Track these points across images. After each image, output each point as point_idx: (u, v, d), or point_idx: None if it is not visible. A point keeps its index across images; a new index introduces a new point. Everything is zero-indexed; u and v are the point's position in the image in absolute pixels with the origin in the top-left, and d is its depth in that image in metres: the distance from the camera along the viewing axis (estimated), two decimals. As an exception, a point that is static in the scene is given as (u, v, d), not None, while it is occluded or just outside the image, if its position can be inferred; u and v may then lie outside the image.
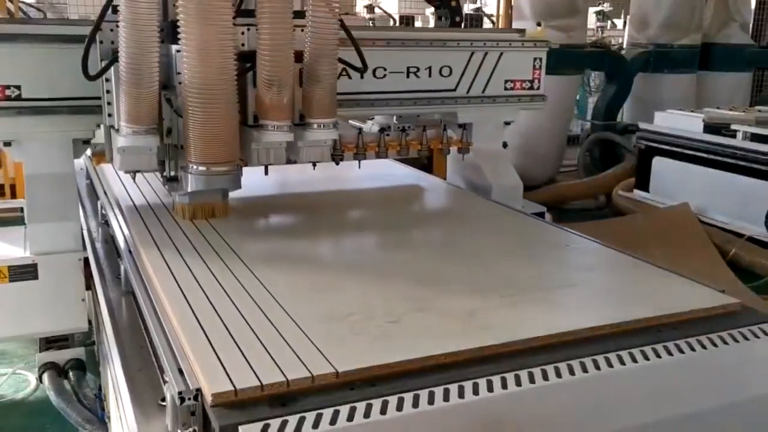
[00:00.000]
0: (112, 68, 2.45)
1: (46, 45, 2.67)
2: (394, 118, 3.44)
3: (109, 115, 2.54)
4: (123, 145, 2.41)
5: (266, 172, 2.91)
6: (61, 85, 2.67)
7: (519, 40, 3.46)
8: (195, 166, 2.44)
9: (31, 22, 4.35)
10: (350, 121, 3.49)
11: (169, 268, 2.08)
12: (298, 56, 2.54)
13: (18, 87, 2.65)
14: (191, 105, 2.37)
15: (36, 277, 2.83)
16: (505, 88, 3.43)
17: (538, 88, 3.52)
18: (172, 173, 2.64)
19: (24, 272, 2.81)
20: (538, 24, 7.33)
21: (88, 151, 3.68)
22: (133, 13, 2.28)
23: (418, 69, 3.21)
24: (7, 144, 2.77)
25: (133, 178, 2.76)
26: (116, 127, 2.49)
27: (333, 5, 2.49)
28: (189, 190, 2.52)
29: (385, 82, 3.14)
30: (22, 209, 4.30)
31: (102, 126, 2.69)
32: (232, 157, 2.48)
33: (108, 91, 2.52)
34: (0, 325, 2.87)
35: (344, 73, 2.91)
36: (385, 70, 3.12)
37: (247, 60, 2.53)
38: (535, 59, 3.49)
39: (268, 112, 2.50)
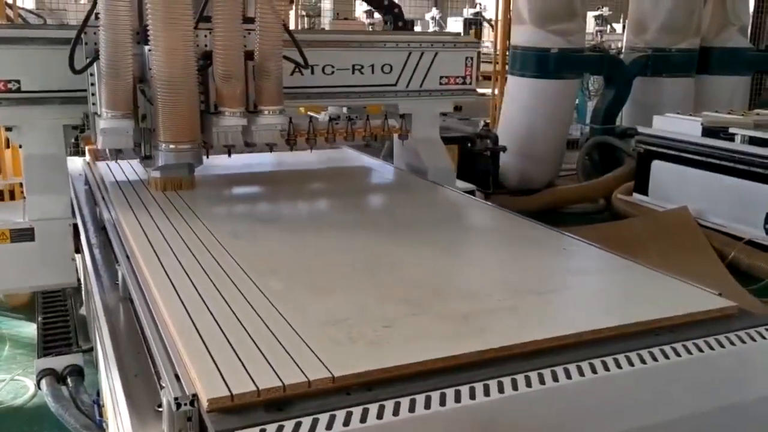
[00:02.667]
0: (95, 64, 2.97)
1: (41, 46, 3.13)
2: (344, 109, 4.00)
3: (93, 103, 3.07)
4: (104, 127, 2.92)
5: (229, 155, 3.35)
6: (54, 80, 3.13)
7: (452, 42, 3.98)
8: (164, 145, 2.97)
9: (29, 27, 4.86)
10: (310, 113, 4.04)
11: (158, 257, 2.08)
12: (250, 55, 3.06)
13: (18, 81, 3.12)
14: (160, 95, 2.89)
15: (33, 239, 3.24)
16: (440, 83, 3.92)
17: (470, 83, 4.01)
18: (147, 153, 3.11)
19: (23, 235, 3.23)
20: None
21: (87, 157, 3.81)
22: (111, 19, 2.78)
23: (362, 66, 3.70)
24: (9, 129, 3.26)
25: (116, 159, 3.31)
26: (98, 113, 2.99)
27: (278, 12, 2.99)
28: (160, 164, 3.03)
29: (333, 78, 3.63)
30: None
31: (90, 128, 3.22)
32: (195, 137, 3.03)
33: (92, 84, 3.04)
34: (3, 280, 3.31)
35: (298, 70, 3.40)
36: (333, 67, 3.62)
37: (208, 58, 3.04)
38: (467, 58, 3.98)
39: (224, 101, 3.02)
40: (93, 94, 3.05)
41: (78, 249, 3.29)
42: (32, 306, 4.05)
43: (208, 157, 3.29)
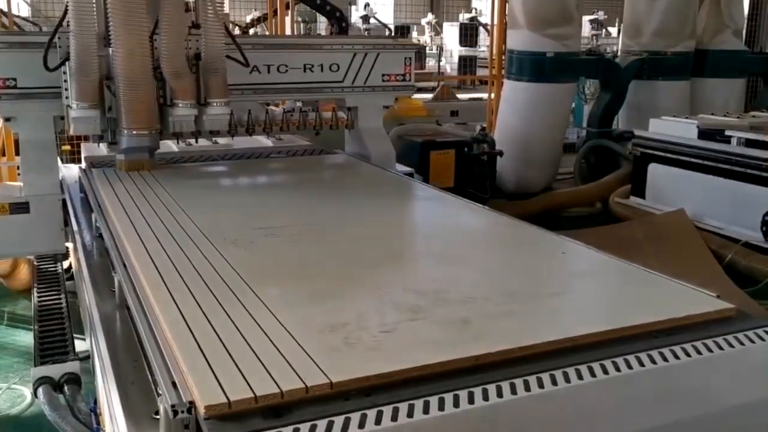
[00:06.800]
0: (67, 63, 3.49)
1: (34, 50, 3.56)
2: (299, 103, 4.60)
3: (66, 97, 3.59)
4: (74, 116, 3.48)
5: (196, 141, 4.14)
6: (45, 78, 3.57)
7: (392, 44, 4.57)
8: (126, 131, 3.55)
9: (23, 34, 5.41)
10: (270, 107, 4.66)
11: (155, 264, 2.07)
12: (199, 55, 3.62)
13: (14, 79, 3.63)
14: (122, 89, 3.44)
15: (28, 212, 3.73)
16: (383, 80, 4.43)
17: (410, 80, 4.55)
18: (113, 139, 3.65)
19: (20, 208, 3.72)
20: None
21: (83, 163, 3.85)
22: (79, 27, 3.32)
23: (313, 66, 4.23)
24: (7, 119, 3.78)
25: (98, 145, 3.92)
26: (71, 105, 3.51)
27: (220, 19, 3.54)
28: (123, 147, 3.60)
29: (287, 75, 4.17)
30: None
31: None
32: (152, 125, 3.60)
33: (65, 80, 3.56)
34: (3, 246, 3.80)
35: (256, 69, 3.98)
36: (286, 66, 4.16)
37: None
38: (405, 58, 4.51)
39: (177, 95, 3.58)
40: (66, 89, 3.58)
41: (66, 222, 3.78)
42: (30, 293, 4.12)
43: (179, 143, 4.21)
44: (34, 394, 3.18)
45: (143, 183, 3.40)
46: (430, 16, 20.74)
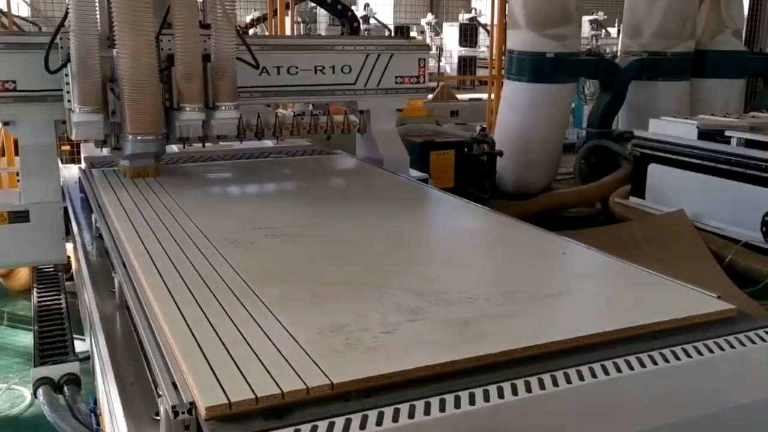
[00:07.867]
0: (69, 65, 3.35)
1: (35, 51, 3.44)
2: (309, 106, 4.45)
3: (68, 100, 3.45)
4: (76, 121, 3.33)
5: (203, 145, 3.91)
6: (46, 80, 3.45)
7: (405, 44, 4.48)
8: (131, 136, 3.39)
9: (23, 34, 5.30)
10: (279, 110, 4.53)
11: (155, 265, 2.07)
12: (208, 57, 3.48)
13: (14, 81, 3.50)
14: (126, 92, 3.30)
15: (28, 220, 3.59)
16: (396, 82, 4.30)
17: (423, 82, 4.42)
18: (117, 144, 3.53)
19: (19, 217, 3.59)
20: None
21: (83, 164, 3.83)
22: (81, 27, 3.19)
23: (324, 67, 4.10)
24: (6, 123, 3.67)
25: (101, 149, 3.72)
26: (72, 109, 3.37)
27: (231, 19, 3.41)
28: (127, 153, 3.45)
29: (297, 77, 4.04)
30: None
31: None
32: (158, 130, 3.45)
33: (67, 83, 3.43)
34: (2, 256, 3.69)
35: (265, 71, 3.87)
36: (297, 68, 4.03)
37: (171, 60, 3.44)
38: (419, 60, 4.38)
39: (185, 98, 3.43)
40: (68, 92, 3.44)
41: (68, 231, 3.64)
42: (29, 294, 4.11)
43: (184, 146, 3.93)
44: (34, 394, 3.18)
45: (143, 183, 3.39)
46: (429, 17, 20.72)
